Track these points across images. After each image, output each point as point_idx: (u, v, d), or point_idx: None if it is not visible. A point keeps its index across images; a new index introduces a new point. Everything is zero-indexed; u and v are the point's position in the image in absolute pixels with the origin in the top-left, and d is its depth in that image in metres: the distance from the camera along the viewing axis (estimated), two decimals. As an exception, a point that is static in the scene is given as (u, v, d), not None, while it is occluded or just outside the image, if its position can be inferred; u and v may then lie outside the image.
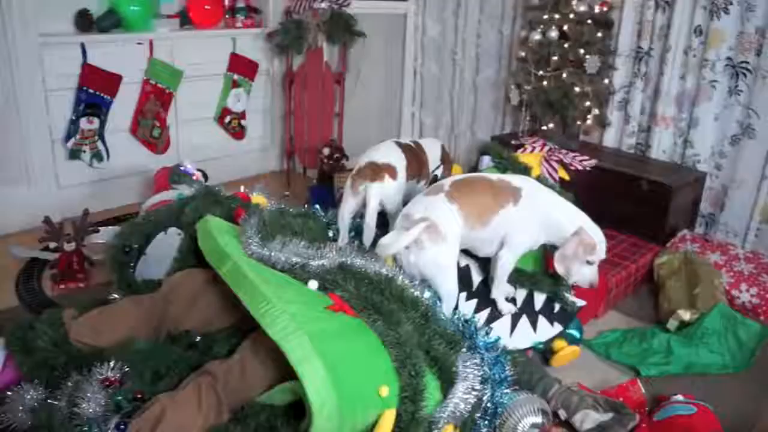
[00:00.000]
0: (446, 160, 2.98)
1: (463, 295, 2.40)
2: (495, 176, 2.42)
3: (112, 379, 1.65)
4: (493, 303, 2.42)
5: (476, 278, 2.47)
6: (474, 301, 2.41)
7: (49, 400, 1.68)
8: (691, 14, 3.40)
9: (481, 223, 2.28)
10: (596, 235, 2.33)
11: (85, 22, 3.63)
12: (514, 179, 2.40)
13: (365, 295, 1.84)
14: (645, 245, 3.22)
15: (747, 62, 3.27)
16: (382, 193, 2.51)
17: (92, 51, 3.56)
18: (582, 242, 2.29)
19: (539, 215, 2.32)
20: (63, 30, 3.61)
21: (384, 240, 2.19)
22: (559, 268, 2.31)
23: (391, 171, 2.54)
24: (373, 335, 1.70)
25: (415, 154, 2.73)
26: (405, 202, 2.49)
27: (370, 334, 1.71)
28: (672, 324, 2.72)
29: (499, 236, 2.32)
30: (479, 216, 2.28)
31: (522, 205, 2.29)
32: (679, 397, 2.18)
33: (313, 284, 1.85)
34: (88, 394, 1.57)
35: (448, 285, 2.23)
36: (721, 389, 2.39)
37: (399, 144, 2.72)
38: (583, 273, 2.34)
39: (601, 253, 2.35)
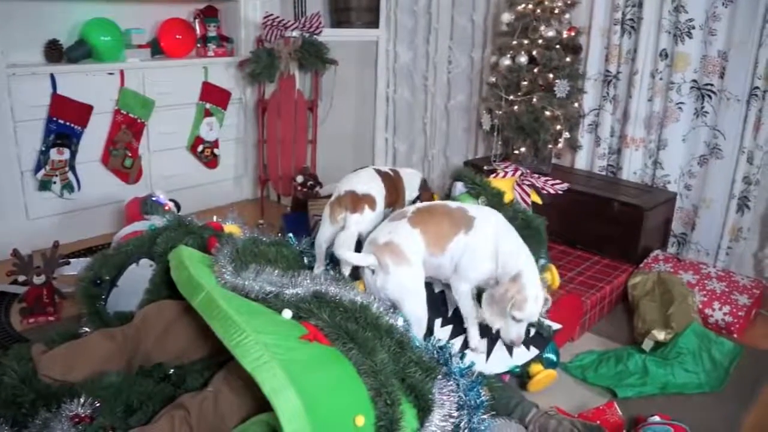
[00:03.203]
0: (424, 194, 2.96)
1: (438, 321, 2.39)
2: (456, 204, 2.38)
3: (83, 415, 1.62)
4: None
5: (451, 304, 2.46)
6: (449, 328, 2.40)
7: (16, 440, 1.64)
8: (656, 38, 3.48)
9: (440, 248, 2.26)
10: (531, 288, 2.13)
11: (54, 52, 3.61)
12: (472, 209, 2.34)
13: (340, 323, 1.83)
14: (619, 266, 3.25)
15: (711, 84, 3.34)
16: (360, 224, 2.49)
17: (62, 81, 3.54)
18: (513, 290, 2.12)
19: (488, 247, 2.24)
20: (32, 60, 3.59)
21: (350, 256, 2.26)
22: (486, 312, 2.17)
23: (371, 202, 2.52)
24: (348, 364, 1.69)
25: (393, 183, 2.72)
26: None
27: (345, 363, 1.69)
28: (647, 344, 2.74)
29: (455, 264, 2.28)
30: (437, 241, 2.26)
31: (472, 234, 2.25)
32: (656, 418, 2.18)
33: (287, 313, 1.84)
34: (57, 432, 1.54)
35: (416, 310, 2.21)
36: (697, 408, 2.40)
37: (379, 172, 2.71)
38: (507, 326, 2.15)
39: (529, 311, 2.12)
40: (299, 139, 4.38)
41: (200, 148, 4.29)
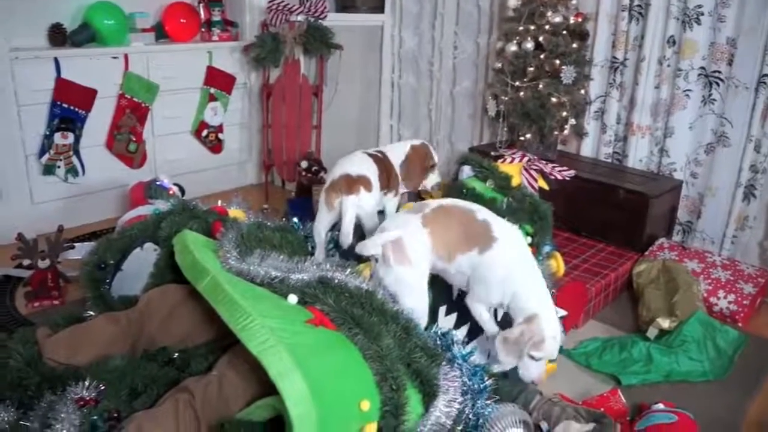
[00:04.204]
0: (411, 156, 2.75)
1: (443, 308, 2.37)
2: (483, 216, 2.20)
3: (88, 398, 1.62)
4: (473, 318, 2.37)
5: (456, 292, 2.45)
6: (454, 316, 2.38)
7: (21, 422, 1.64)
8: (664, 25, 3.45)
9: (447, 255, 2.18)
10: (549, 328, 2.03)
11: (58, 36, 3.59)
12: (498, 226, 2.17)
13: (345, 308, 1.82)
14: (624, 254, 3.24)
15: (719, 71, 3.31)
16: (358, 205, 2.47)
17: (66, 65, 3.53)
18: (529, 333, 2.02)
19: (500, 275, 2.11)
20: (36, 44, 3.57)
21: (364, 241, 2.19)
22: (500, 352, 2.05)
23: (366, 183, 2.50)
24: (354, 349, 1.69)
25: (384, 165, 2.69)
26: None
27: (350, 347, 1.69)
28: (651, 332, 2.74)
29: (465, 276, 2.21)
30: (445, 248, 2.18)
31: (486, 257, 2.13)
32: (660, 406, 2.18)
33: (292, 298, 1.83)
34: (62, 415, 1.53)
35: (414, 304, 2.16)
36: (701, 396, 2.40)
37: (369, 154, 2.68)
38: (526, 365, 2.06)
39: (549, 350, 2.04)
40: (304, 125, 4.37)
41: (204, 132, 4.28)
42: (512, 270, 2.12)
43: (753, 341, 2.75)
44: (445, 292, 2.39)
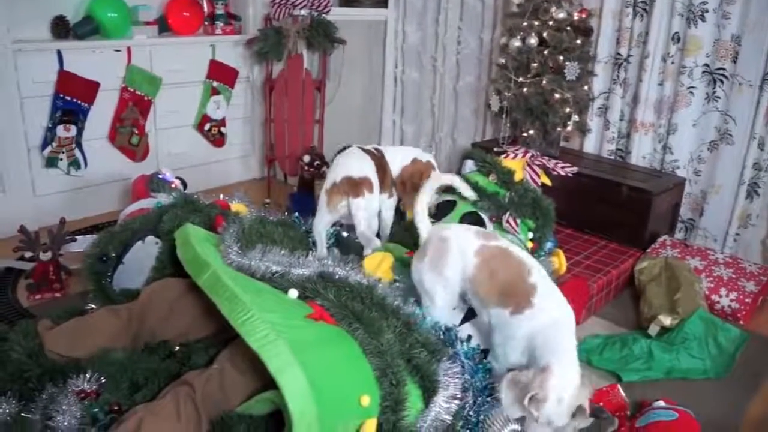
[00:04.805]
0: (406, 168, 2.71)
1: None
2: (534, 278, 2.03)
3: (88, 390, 1.63)
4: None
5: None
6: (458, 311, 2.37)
7: (22, 414, 1.64)
8: (668, 21, 3.44)
9: (480, 297, 2.08)
10: (557, 388, 1.78)
11: (61, 28, 3.58)
12: (542, 291, 2.01)
13: (346, 303, 1.83)
14: (626, 251, 3.24)
15: (724, 69, 3.30)
16: (363, 207, 2.45)
17: (69, 58, 3.52)
18: (539, 381, 1.79)
19: (526, 332, 1.98)
20: (39, 36, 3.56)
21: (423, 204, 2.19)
22: (504, 396, 1.87)
23: (369, 184, 2.48)
24: (354, 344, 1.69)
25: (379, 162, 2.67)
26: None
27: (351, 342, 1.69)
28: (653, 329, 2.73)
29: (486, 322, 2.12)
30: (482, 289, 2.08)
31: (515, 317, 2.00)
32: (661, 403, 2.18)
33: (293, 293, 1.83)
34: (64, 407, 1.54)
35: (431, 303, 2.15)
36: (702, 394, 2.39)
37: (366, 150, 2.66)
38: (531, 427, 1.85)
39: (549, 412, 1.77)
40: (306, 119, 4.36)
41: (207, 126, 4.28)
42: (538, 330, 1.97)
43: (754, 339, 2.74)
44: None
